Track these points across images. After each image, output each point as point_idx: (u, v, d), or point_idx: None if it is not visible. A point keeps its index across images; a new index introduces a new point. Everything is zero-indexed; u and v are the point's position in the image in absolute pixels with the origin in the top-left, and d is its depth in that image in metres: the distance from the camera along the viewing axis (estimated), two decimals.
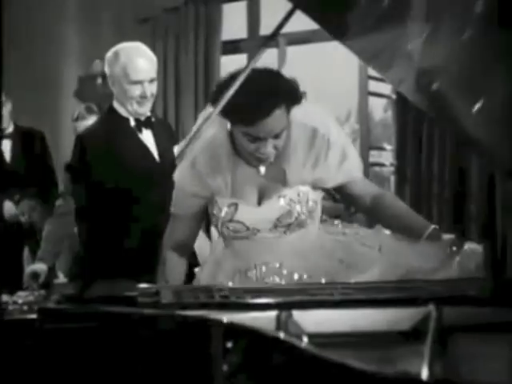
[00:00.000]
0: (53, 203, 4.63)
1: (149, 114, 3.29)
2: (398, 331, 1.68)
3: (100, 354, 1.65)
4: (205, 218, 2.62)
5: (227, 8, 5.54)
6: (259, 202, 2.43)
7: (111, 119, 3.40)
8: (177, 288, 1.98)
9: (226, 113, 2.19)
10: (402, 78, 2.01)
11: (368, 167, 5.08)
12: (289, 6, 1.89)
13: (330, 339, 1.64)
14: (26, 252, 4.90)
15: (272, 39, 1.99)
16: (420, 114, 4.53)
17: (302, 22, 2.55)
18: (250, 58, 2.02)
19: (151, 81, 3.21)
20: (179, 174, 2.48)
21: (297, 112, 2.33)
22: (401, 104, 4.66)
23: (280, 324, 1.63)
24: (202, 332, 1.55)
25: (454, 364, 1.48)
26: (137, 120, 3.25)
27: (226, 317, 1.61)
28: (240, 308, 1.71)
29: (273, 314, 1.65)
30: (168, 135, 3.43)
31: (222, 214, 2.43)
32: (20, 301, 1.84)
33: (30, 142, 5.22)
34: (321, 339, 1.60)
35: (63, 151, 5.81)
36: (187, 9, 5.52)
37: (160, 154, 3.30)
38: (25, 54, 4.85)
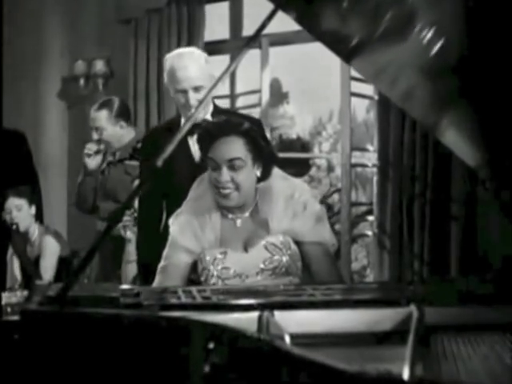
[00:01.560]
0: (36, 204, 4.62)
1: (208, 116, 3.20)
2: (380, 331, 1.69)
3: (81, 355, 1.65)
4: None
5: (210, 9, 5.52)
6: (246, 249, 2.57)
7: (172, 119, 3.73)
8: (158, 289, 1.98)
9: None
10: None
11: (350, 168, 5.07)
12: (271, 6, 1.89)
13: (313, 339, 1.64)
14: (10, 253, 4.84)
15: (254, 40, 2.00)
16: (402, 115, 4.53)
17: (284, 23, 2.55)
18: (233, 59, 2.02)
19: (196, 89, 3.12)
20: (174, 228, 2.61)
21: (278, 172, 2.61)
22: (383, 105, 4.65)
23: (262, 325, 1.63)
24: (184, 333, 1.54)
25: (436, 363, 1.48)
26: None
27: (207, 318, 1.61)
28: (222, 309, 1.71)
29: (255, 314, 1.65)
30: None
31: (212, 263, 2.52)
32: (3, 302, 1.83)
33: (12, 143, 5.18)
34: (303, 339, 1.60)
35: (44, 152, 5.80)
36: (170, 10, 5.50)
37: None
38: (6, 54, 4.80)
